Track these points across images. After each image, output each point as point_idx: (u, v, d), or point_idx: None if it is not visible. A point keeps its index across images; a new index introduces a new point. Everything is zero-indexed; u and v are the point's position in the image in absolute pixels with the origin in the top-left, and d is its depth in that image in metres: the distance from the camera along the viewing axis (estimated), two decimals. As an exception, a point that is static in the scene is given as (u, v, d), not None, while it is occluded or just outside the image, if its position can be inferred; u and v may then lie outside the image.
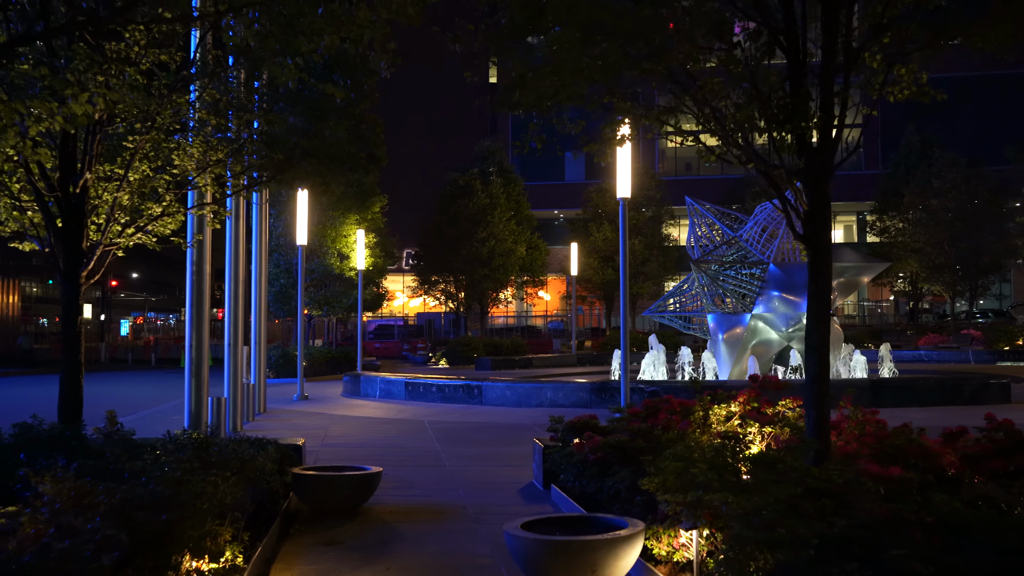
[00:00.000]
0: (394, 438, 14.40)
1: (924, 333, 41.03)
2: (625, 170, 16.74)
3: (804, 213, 6.71)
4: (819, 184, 6.68)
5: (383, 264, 37.08)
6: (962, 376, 18.00)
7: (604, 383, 18.43)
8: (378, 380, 21.99)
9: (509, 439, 13.92)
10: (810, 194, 6.68)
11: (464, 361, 36.18)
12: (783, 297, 23.42)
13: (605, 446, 7.26)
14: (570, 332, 58.48)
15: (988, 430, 6.76)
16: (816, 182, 6.68)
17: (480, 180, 43.63)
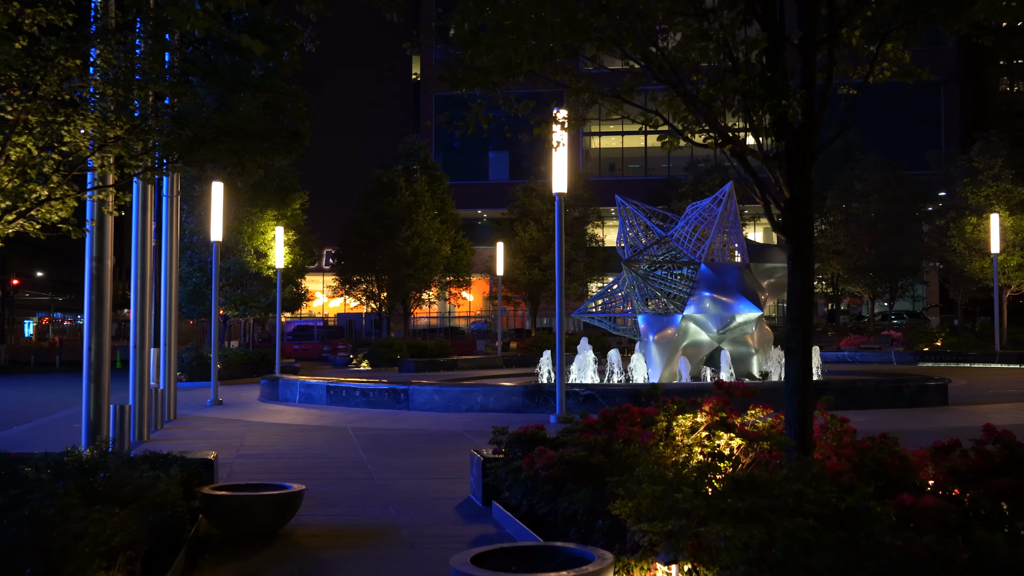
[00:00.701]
0: (316, 448, 13.37)
1: (845, 334, 41.42)
2: (561, 165, 16.03)
3: (784, 201, 6.02)
4: (801, 168, 6.00)
5: (303, 263, 35.72)
6: (901, 378, 17.79)
7: (538, 387, 17.67)
8: (298, 384, 20.84)
9: (440, 448, 13.04)
10: (791, 180, 6.00)
11: (387, 363, 35.10)
12: (714, 298, 23.03)
13: (561, 462, 6.45)
14: (495, 333, 57.76)
15: (982, 441, 6.15)
16: (798, 166, 6.00)
17: (404, 177, 42.52)
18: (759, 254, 25.56)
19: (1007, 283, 34.99)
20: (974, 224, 34.53)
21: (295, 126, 8.10)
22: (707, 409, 7.13)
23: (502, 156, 74.51)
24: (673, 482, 4.74)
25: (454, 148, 73.16)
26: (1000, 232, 31.73)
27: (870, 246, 41.74)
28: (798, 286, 6.00)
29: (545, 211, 45.50)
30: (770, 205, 6.11)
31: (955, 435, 6.45)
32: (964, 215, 35.11)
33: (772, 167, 6.01)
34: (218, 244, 21.54)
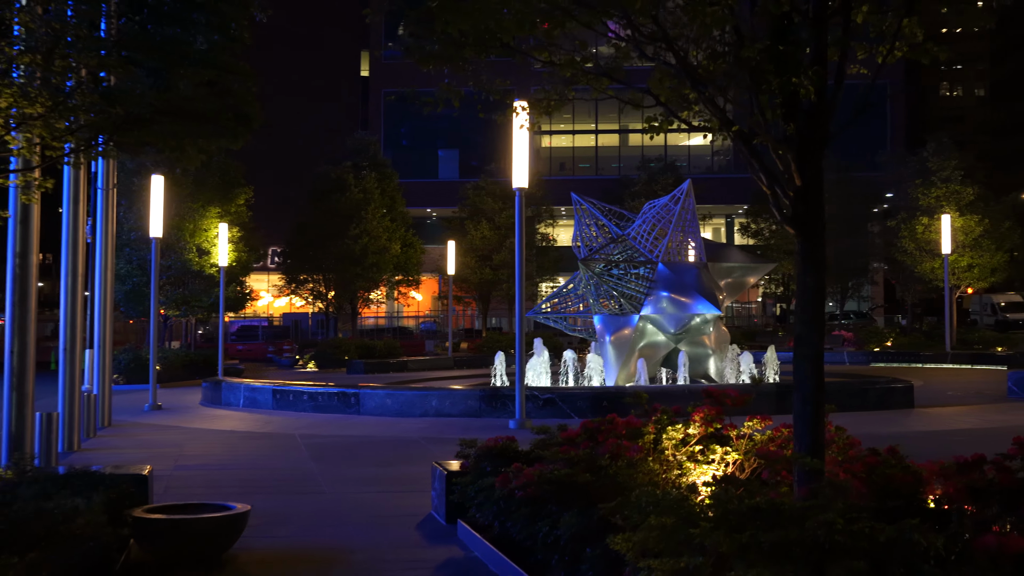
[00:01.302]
0: (262, 457, 12.50)
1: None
2: (523, 159, 15.35)
3: (794, 190, 5.40)
4: (813, 153, 5.39)
5: (247, 260, 34.53)
6: (867, 381, 17.43)
7: (496, 390, 16.97)
8: (242, 387, 19.86)
9: (396, 457, 12.26)
10: (802, 166, 5.38)
11: (335, 364, 34.09)
12: (672, 298, 22.56)
13: (542, 481, 5.75)
14: (444, 333, 56.87)
15: (1010, 456, 5.59)
16: (810, 151, 5.38)
17: (353, 174, 41.45)
18: (717, 253, 25.18)
19: (956, 283, 35.17)
20: (925, 224, 34.65)
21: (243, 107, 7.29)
22: (698, 420, 6.50)
23: (452, 154, 73.68)
24: (688, 512, 4.07)
25: (403, 146, 72.18)
26: (950, 233, 31.84)
27: (821, 246, 41.76)
28: (809, 285, 5.39)
29: (497, 209, 44.79)
30: (778, 194, 5.49)
31: (928, 439, 5.97)
32: (915, 216, 35.22)
33: (782, 152, 5.38)
34: (158, 240, 20.46)
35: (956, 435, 12.72)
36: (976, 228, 34.50)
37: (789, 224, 5.47)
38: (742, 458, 6.09)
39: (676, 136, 73.22)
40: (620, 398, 16.24)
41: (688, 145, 73.58)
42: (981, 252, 34.77)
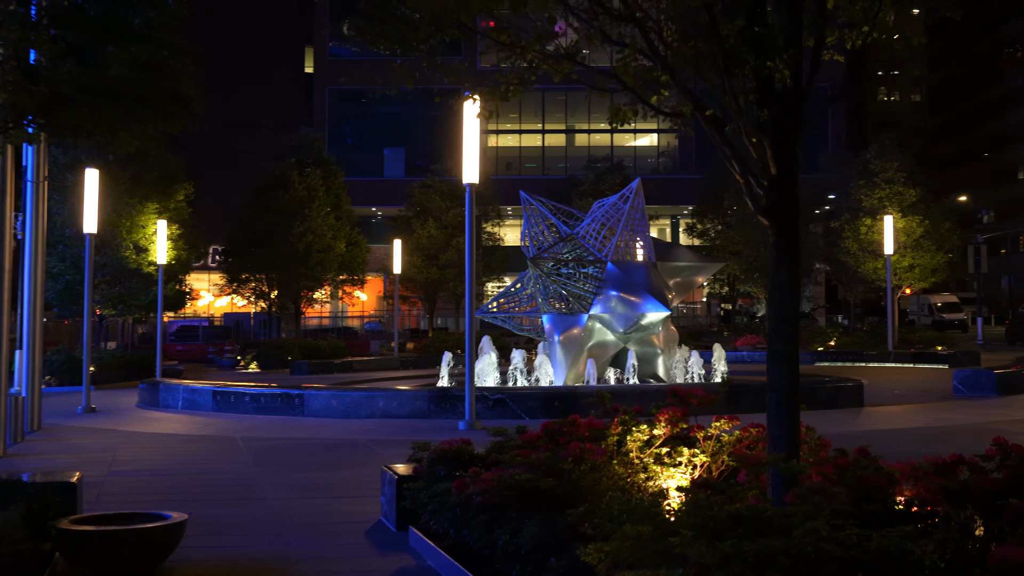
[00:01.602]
0: (201, 462, 11.96)
1: (741, 334, 41.63)
2: (473, 154, 15.00)
3: (768, 179, 5.14)
4: (788, 141, 5.13)
5: (187, 258, 33.62)
6: (816, 380, 17.40)
7: (445, 391, 16.59)
8: (181, 389, 19.18)
9: (342, 460, 11.81)
10: (776, 154, 5.13)
11: (278, 365, 33.36)
12: (621, 297, 22.39)
13: (502, 487, 5.41)
14: (390, 333, 56.23)
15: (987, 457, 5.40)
16: (785, 138, 5.13)
17: (297, 171, 40.65)
18: (665, 253, 25.09)
19: (898, 284, 35.65)
20: (868, 225, 35.05)
21: (180, 88, 6.81)
22: (663, 420, 6.22)
23: (398, 153, 73.03)
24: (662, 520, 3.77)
25: (348, 144, 71.36)
26: (893, 234, 32.22)
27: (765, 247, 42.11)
28: (784, 279, 5.14)
29: (444, 208, 44.36)
30: (751, 184, 5.22)
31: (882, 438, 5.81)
32: (859, 217, 35.61)
33: (755, 139, 5.12)
34: (92, 237, 19.68)
35: (908, 434, 12.69)
36: (917, 229, 35.02)
37: (763, 215, 5.22)
38: (709, 460, 5.82)
39: (622, 136, 73.53)
40: (572, 398, 16.01)
41: (634, 146, 74.02)
42: (922, 253, 35.30)
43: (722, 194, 45.32)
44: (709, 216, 49.13)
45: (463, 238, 44.05)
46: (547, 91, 72.38)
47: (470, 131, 14.72)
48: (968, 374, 18.56)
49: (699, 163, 66.19)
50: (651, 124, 74.13)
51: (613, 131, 74.58)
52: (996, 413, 15.20)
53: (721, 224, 47.24)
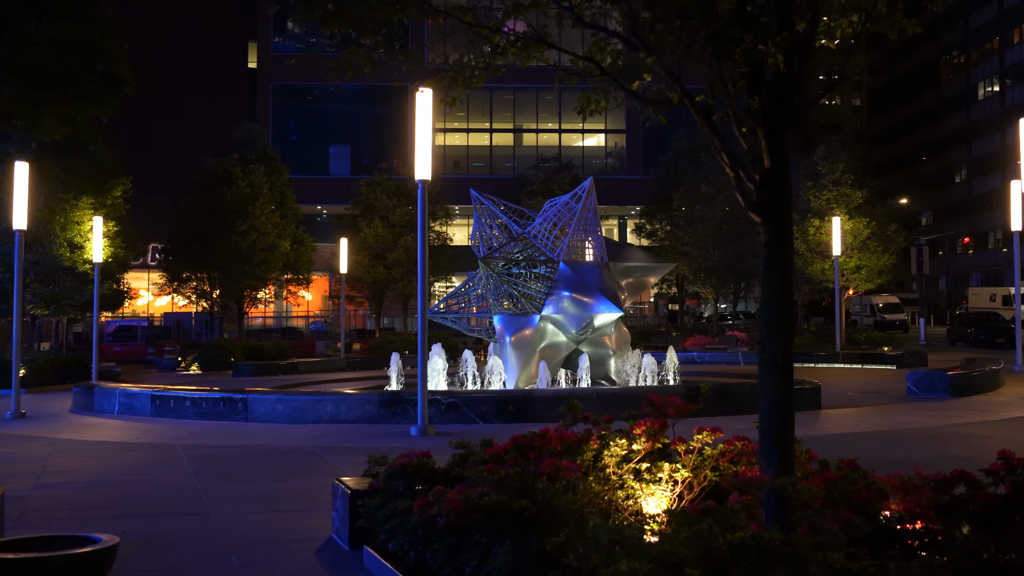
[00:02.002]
0: (138, 472, 11.27)
1: (690, 335, 41.65)
2: (425, 148, 14.48)
3: (760, 172, 4.75)
4: (780, 131, 4.75)
5: (125, 256, 32.49)
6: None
7: (395, 395, 16.03)
8: (117, 393, 18.34)
9: (289, 469, 11.22)
10: (770, 144, 4.74)
11: (220, 367, 32.44)
12: (573, 297, 22.08)
13: (470, 508, 4.94)
14: (335, 333, 55.32)
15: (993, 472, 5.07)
16: (776, 128, 4.74)
17: (241, 167, 39.60)
18: (617, 253, 24.83)
19: (845, 284, 35.92)
20: (816, 226, 35.24)
21: (111, 67, 6.21)
22: (640, 433, 5.80)
23: (343, 150, 72.06)
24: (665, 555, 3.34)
25: (293, 141, 70.20)
26: (840, 235, 32.41)
27: (714, 248, 42.19)
28: (776, 281, 4.76)
29: (392, 206, 43.67)
30: (742, 178, 4.83)
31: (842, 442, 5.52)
32: (807, 218, 35.78)
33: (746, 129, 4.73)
34: (23, 233, 18.74)
35: (870, 437, 12.50)
36: (864, 231, 35.29)
37: (754, 211, 4.83)
38: (691, 476, 5.42)
39: (570, 136, 73.45)
40: (527, 402, 15.58)
41: (582, 146, 73.99)
42: (869, 254, 35.59)
43: (671, 194, 45.36)
44: (658, 216, 49.14)
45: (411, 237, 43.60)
46: (495, 90, 72.01)
47: (423, 126, 14.21)
48: (921, 376, 18.54)
49: (647, 164, 66.34)
50: (599, 124, 74.25)
51: (561, 131, 74.49)
52: (954, 416, 15.12)
53: (670, 225, 47.28)
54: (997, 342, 40.85)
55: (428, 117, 14.12)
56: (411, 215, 44.00)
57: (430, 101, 14.07)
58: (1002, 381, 20.60)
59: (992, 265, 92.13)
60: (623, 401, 15.47)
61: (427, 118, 14.12)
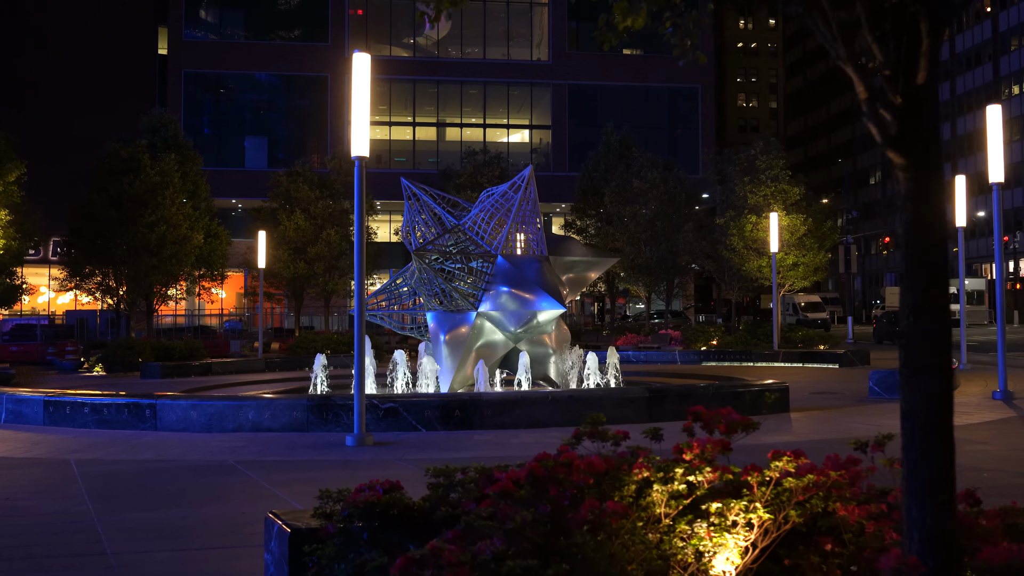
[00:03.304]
0: (21, 496, 9.37)
1: (621, 333, 40.69)
2: (362, 121, 12.84)
3: (902, 94, 3.36)
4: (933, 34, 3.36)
5: (20, 248, 29.85)
6: (739, 382, 15.95)
7: (326, 399, 14.32)
8: (4, 399, 16.17)
9: (206, 490, 9.47)
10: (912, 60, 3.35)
11: (127, 368, 30.07)
12: (513, 293, 20.70)
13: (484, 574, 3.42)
14: (252, 332, 52.81)
15: None
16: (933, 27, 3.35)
17: (149, 154, 36.97)
18: (557, 247, 23.52)
19: (781, 282, 35.34)
20: (754, 223, 34.57)
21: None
22: (689, 459, 4.36)
23: (259, 142, 69.40)
24: None
25: (206, 133, 67.23)
26: (778, 231, 31.73)
27: (646, 244, 41.31)
28: (926, 244, 3.36)
29: (313, 198, 41.57)
30: (875, 105, 3.43)
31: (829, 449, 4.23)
32: (743, 214, 35.10)
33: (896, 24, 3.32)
34: None
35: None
36: (801, 227, 34.76)
37: (893, 147, 3.43)
38: (770, 518, 4.00)
39: (495, 132, 72.06)
40: (475, 406, 14.06)
41: (507, 142, 72.67)
42: (805, 251, 35.08)
43: (601, 190, 44.34)
44: (589, 212, 48.08)
45: (333, 230, 41.56)
46: (418, 83, 70.23)
47: (359, 94, 12.54)
48: (884, 375, 17.61)
49: (573, 161, 65.40)
50: (524, 119, 73.10)
51: (486, 126, 73.06)
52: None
53: (600, 221, 46.28)
54: (924, 340, 40.92)
55: (365, 84, 12.49)
56: (333, 208, 41.99)
57: (367, 66, 12.43)
58: (958, 381, 19.90)
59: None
60: (583, 405, 14.09)
61: (364, 85, 12.48)
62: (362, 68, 12.39)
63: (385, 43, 69.62)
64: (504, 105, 72.63)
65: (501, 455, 11.28)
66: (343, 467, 10.73)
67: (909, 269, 3.36)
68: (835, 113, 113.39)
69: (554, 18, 70.42)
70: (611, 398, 14.23)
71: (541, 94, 71.94)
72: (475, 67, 70.81)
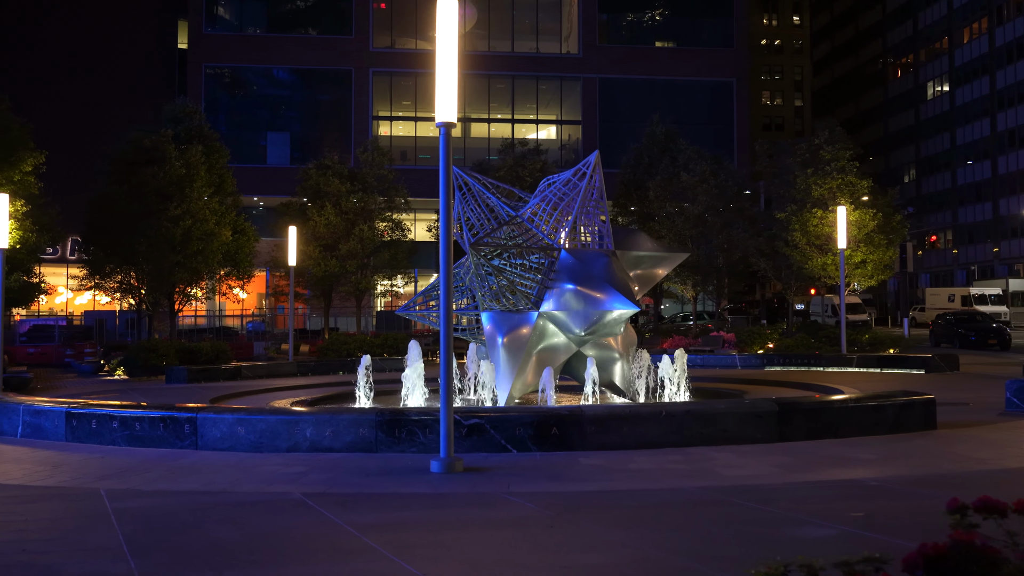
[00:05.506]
0: (39, 546, 7.22)
1: (667, 335, 38.47)
2: (449, 79, 10.68)
3: None
4: None
5: (37, 243, 27.83)
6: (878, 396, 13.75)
7: (397, 415, 12.16)
8: (21, 410, 14.13)
9: (277, 540, 7.30)
10: None
11: (150, 371, 28.14)
12: (579, 291, 18.68)
13: None
14: (275, 334, 50.84)
15: None
16: None
17: (174, 144, 34.85)
18: (624, 240, 21.37)
19: (847, 280, 33.01)
20: (820, 217, 32.23)
21: None
22: None
23: (282, 138, 67.58)
24: None
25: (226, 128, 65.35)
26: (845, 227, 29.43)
27: (695, 242, 39.06)
28: None
29: (344, 192, 39.44)
30: None
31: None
32: (806, 208, 32.77)
33: None
34: None
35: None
36: (870, 222, 32.39)
37: None
38: None
39: (523, 128, 69.90)
40: (576, 423, 11.90)
41: (536, 138, 70.50)
42: (873, 247, 32.71)
43: (645, 184, 42.08)
44: (629, 209, 45.78)
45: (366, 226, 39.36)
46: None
47: (446, 49, 10.37)
48: (1022, 385, 15.34)
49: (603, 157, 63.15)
50: (553, 115, 70.90)
51: (514, 121, 70.91)
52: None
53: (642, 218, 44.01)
54: (988, 343, 38.51)
55: (453, 33, 10.32)
56: (366, 202, 39.85)
57: (455, 10, 10.28)
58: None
59: (941, 265, 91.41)
60: (701, 422, 11.91)
61: (451, 34, 10.31)
62: (448, 13, 10.23)
63: (410, 36, 67.55)
64: (533, 100, 70.51)
65: (624, 488, 9.15)
66: (438, 504, 8.60)
67: None
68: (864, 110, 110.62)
69: (584, 10, 68.23)
70: (733, 414, 12.03)
71: (571, 88, 69.76)
72: (503, 60, 68.71)
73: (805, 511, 7.82)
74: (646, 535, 7.14)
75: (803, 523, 7.32)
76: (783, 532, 6.99)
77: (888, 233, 32.73)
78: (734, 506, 8.17)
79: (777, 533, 6.97)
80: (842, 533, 6.94)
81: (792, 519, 7.51)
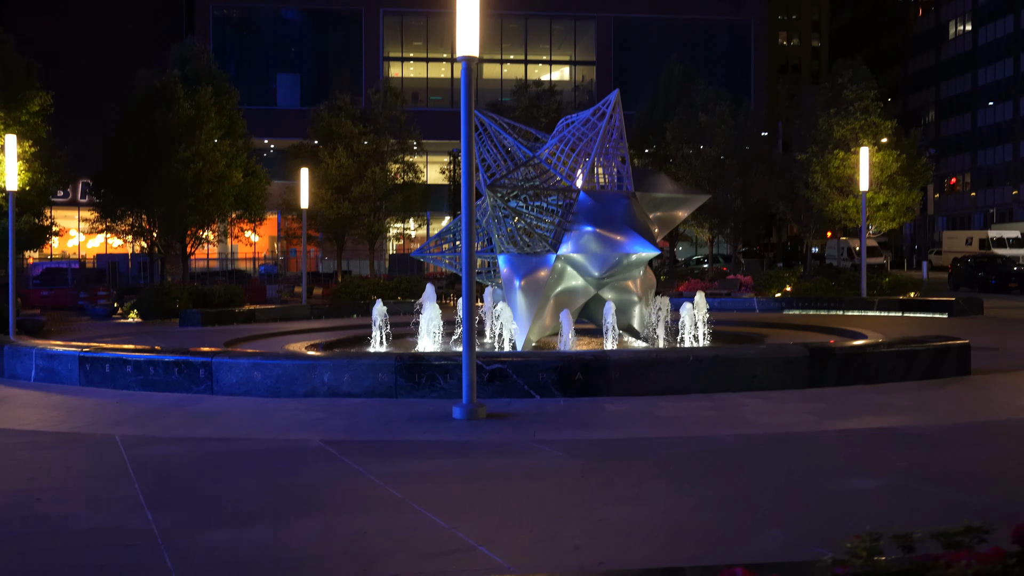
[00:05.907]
0: (51, 497, 6.95)
1: (683, 279, 38.07)
2: (471, 16, 10.16)
3: None
4: None
5: (47, 185, 27.45)
6: (912, 341, 13.36)
7: (417, 358, 11.85)
8: (34, 354, 13.89)
9: (301, 489, 7.03)
10: None
11: (163, 314, 27.92)
12: (598, 234, 18.25)
13: None
14: (287, 277, 50.67)
15: None
16: None
17: (183, 85, 34.25)
18: (644, 181, 20.85)
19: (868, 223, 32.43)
20: (841, 159, 31.54)
21: None
22: None
23: (291, 79, 66.67)
24: None
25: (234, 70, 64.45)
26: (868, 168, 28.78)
27: (713, 184, 38.42)
28: None
29: (356, 134, 38.83)
30: None
31: None
32: (828, 149, 32.04)
33: None
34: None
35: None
36: (894, 164, 31.69)
37: None
38: None
39: (535, 69, 68.72)
40: (602, 367, 11.57)
41: (550, 79, 69.39)
42: (896, 190, 32.05)
43: (663, 126, 41.30)
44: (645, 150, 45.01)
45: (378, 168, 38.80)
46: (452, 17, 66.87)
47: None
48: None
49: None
50: (567, 55, 69.64)
51: (527, 62, 69.70)
52: None
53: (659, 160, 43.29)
54: (1009, 287, 37.97)
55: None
56: (379, 144, 39.25)
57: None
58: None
59: (958, 209, 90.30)
60: (730, 367, 11.58)
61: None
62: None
63: None
64: (546, 40, 69.21)
65: (655, 435, 8.86)
66: (463, 452, 8.32)
67: None
68: (884, 51, 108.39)
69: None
70: (763, 360, 11.68)
71: (585, 28, 68.37)
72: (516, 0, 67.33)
73: (848, 460, 7.50)
74: (684, 486, 6.83)
75: (849, 473, 7.00)
76: (831, 484, 6.67)
77: (912, 175, 32.03)
78: (773, 455, 7.86)
79: (825, 484, 6.65)
80: (891, 484, 6.62)
81: (837, 469, 7.20)
